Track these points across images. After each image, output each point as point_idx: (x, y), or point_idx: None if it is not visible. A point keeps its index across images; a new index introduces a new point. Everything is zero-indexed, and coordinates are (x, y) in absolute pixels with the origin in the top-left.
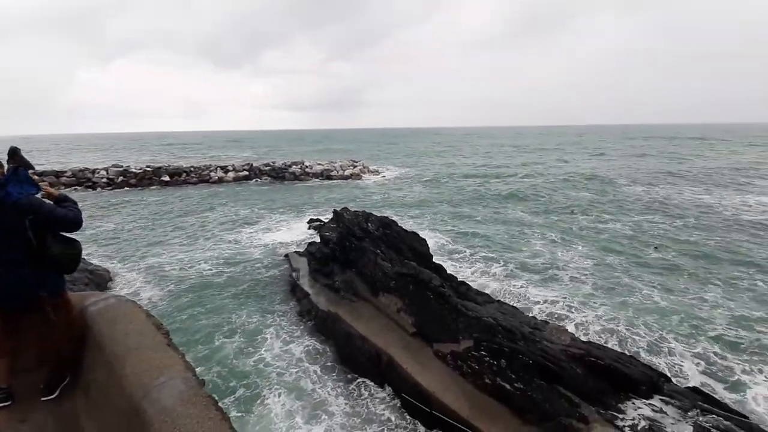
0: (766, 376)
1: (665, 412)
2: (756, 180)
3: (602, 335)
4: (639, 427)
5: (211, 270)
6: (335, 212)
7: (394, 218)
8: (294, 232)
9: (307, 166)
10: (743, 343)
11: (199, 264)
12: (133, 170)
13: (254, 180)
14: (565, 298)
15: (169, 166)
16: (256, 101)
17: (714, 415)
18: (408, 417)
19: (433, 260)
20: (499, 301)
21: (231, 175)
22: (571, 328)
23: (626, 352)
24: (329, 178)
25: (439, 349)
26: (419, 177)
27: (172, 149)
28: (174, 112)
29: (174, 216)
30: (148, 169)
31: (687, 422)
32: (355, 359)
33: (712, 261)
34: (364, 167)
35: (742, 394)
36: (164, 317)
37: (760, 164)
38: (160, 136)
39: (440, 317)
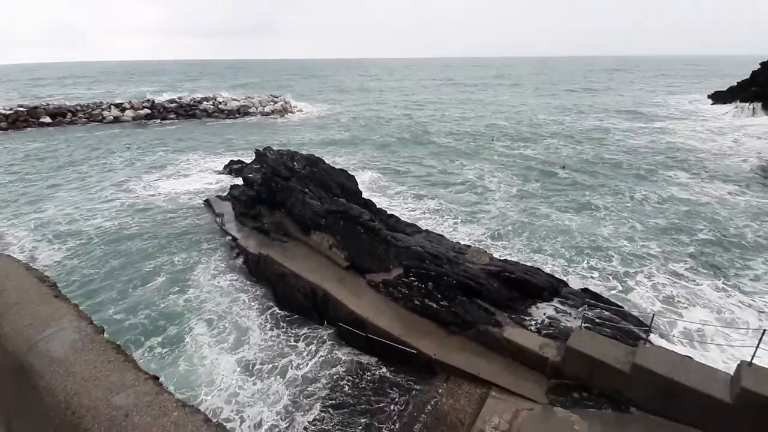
0: (637, 276)
1: (562, 310)
2: (645, 108)
3: (518, 255)
4: (541, 324)
5: (120, 222)
6: (257, 152)
7: (324, 157)
8: (211, 176)
9: (220, 102)
10: (625, 251)
11: (104, 216)
12: (1, 111)
13: (158, 120)
14: (488, 224)
15: (48, 105)
16: (151, 26)
17: (598, 309)
18: (343, 344)
19: (363, 196)
20: (426, 230)
21: (129, 114)
22: (492, 250)
23: (535, 265)
24: (247, 114)
25: (372, 279)
26: (348, 113)
27: (45, 85)
28: (39, 39)
29: (62, 164)
30: (21, 109)
31: (578, 316)
32: (290, 297)
33: (605, 178)
34: (286, 103)
35: (620, 290)
36: (72, 275)
37: (656, 94)
38: (22, 69)
39: (371, 250)
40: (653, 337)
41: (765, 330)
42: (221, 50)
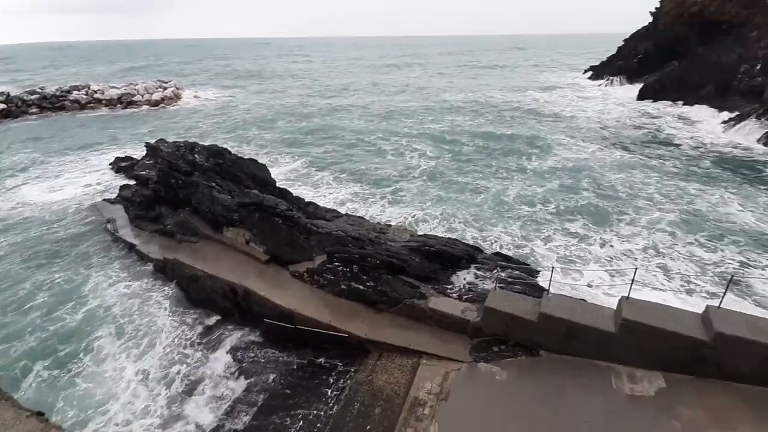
0: (539, 238)
1: (480, 275)
2: (535, 83)
3: (437, 228)
4: (462, 291)
5: None
6: (149, 146)
7: (229, 147)
8: (92, 177)
9: (96, 91)
10: (526, 212)
11: None
12: None
13: (18, 117)
14: (411, 201)
15: None
16: (4, 4)
17: (509, 269)
18: (271, 339)
19: (279, 185)
20: (347, 214)
21: None
22: (415, 227)
23: (452, 236)
24: (131, 104)
25: (295, 269)
26: (249, 99)
27: None
28: None
29: None
30: None
31: (492, 278)
32: (207, 300)
33: (507, 148)
34: (178, 89)
35: (526, 250)
36: None
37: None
38: None
39: (292, 240)
40: (554, 288)
41: (636, 268)
42: (96, 30)
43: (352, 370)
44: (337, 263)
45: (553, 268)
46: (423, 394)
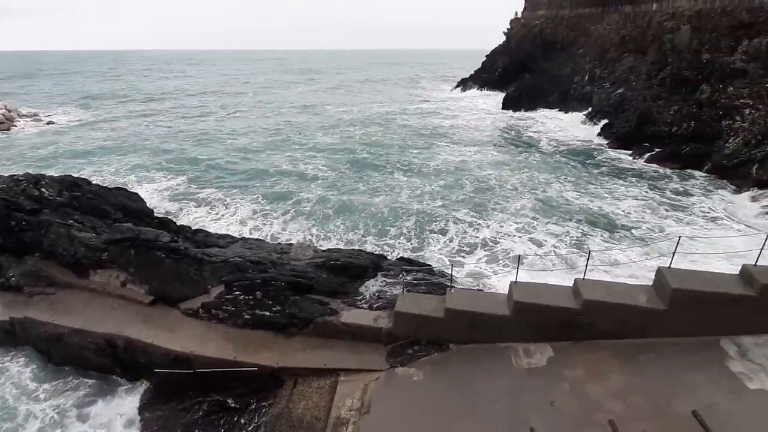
0: (437, 241)
1: (387, 282)
2: (414, 95)
3: (341, 240)
4: (372, 299)
5: None
6: None
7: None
8: None
9: None
10: (422, 213)
11: None
12: None
13: None
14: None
15: None
16: None
17: (414, 272)
18: (165, 392)
19: (158, 215)
20: (243, 238)
21: None
22: (318, 242)
23: (356, 247)
24: None
25: (188, 306)
26: (107, 119)
27: None
28: None
29: None
30: None
31: (399, 283)
32: (76, 362)
33: (396, 155)
34: (10, 111)
35: (427, 252)
36: None
37: (422, 82)
38: None
39: (179, 274)
40: (457, 283)
41: (520, 255)
42: None
43: (267, 404)
44: (237, 292)
45: (452, 264)
46: (344, 412)
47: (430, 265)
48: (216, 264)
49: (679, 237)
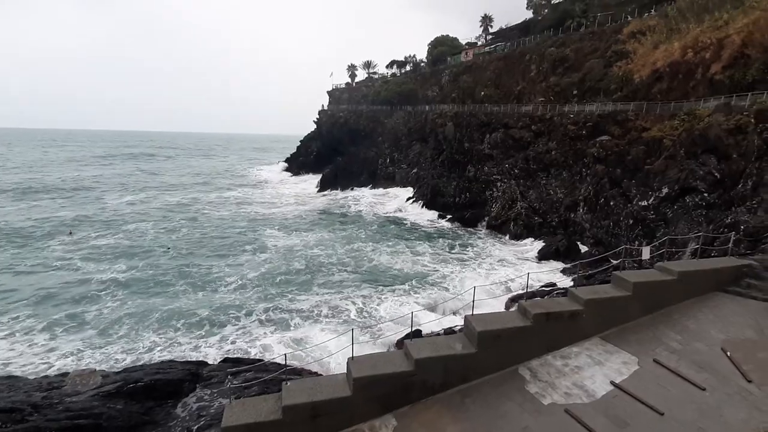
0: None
1: (208, 392)
2: (222, 180)
3: (142, 355)
4: (191, 420)
5: None
6: None
7: None
8: None
9: None
10: (244, 306)
11: None
12: None
13: None
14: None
15: None
16: None
17: (242, 373)
18: None
19: None
20: None
21: None
22: (104, 365)
23: (167, 358)
24: None
25: None
26: None
27: None
28: None
29: None
30: None
31: (226, 391)
32: None
33: (209, 249)
34: None
35: (256, 347)
36: None
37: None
38: None
39: None
40: (296, 372)
41: (353, 329)
42: None
43: None
44: None
45: (286, 354)
46: None
47: (261, 360)
48: None
49: (474, 287)
